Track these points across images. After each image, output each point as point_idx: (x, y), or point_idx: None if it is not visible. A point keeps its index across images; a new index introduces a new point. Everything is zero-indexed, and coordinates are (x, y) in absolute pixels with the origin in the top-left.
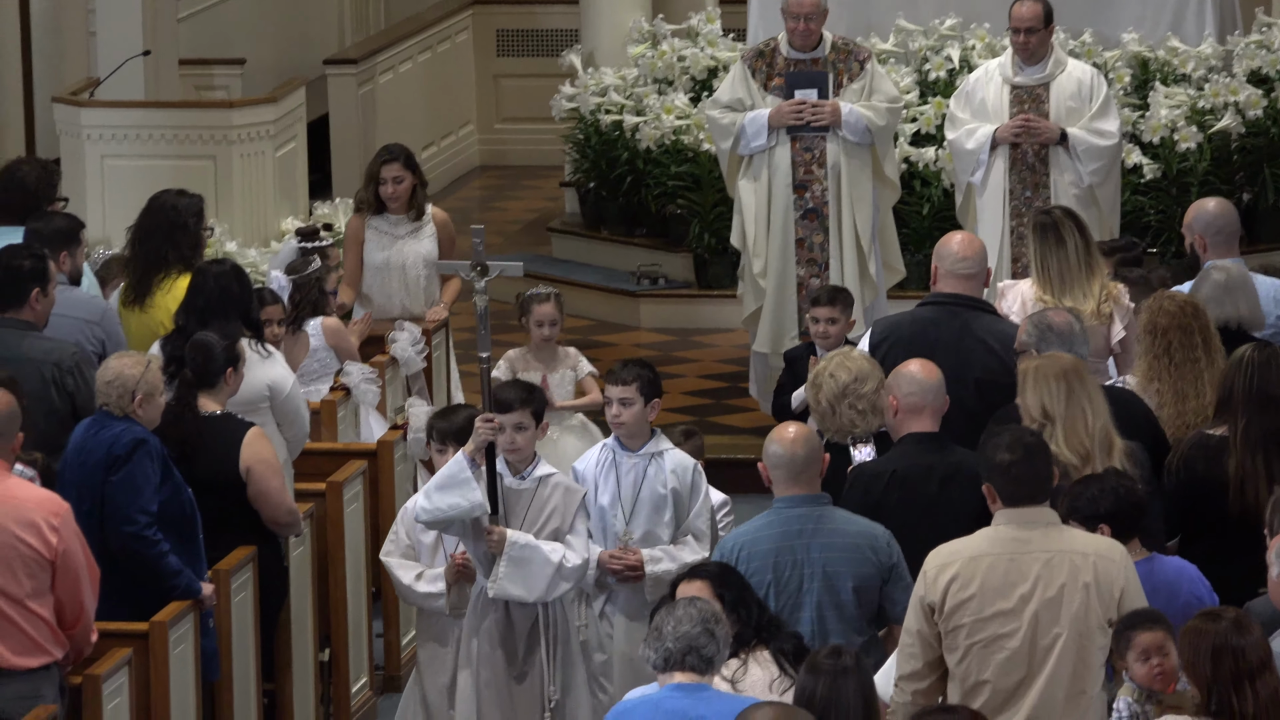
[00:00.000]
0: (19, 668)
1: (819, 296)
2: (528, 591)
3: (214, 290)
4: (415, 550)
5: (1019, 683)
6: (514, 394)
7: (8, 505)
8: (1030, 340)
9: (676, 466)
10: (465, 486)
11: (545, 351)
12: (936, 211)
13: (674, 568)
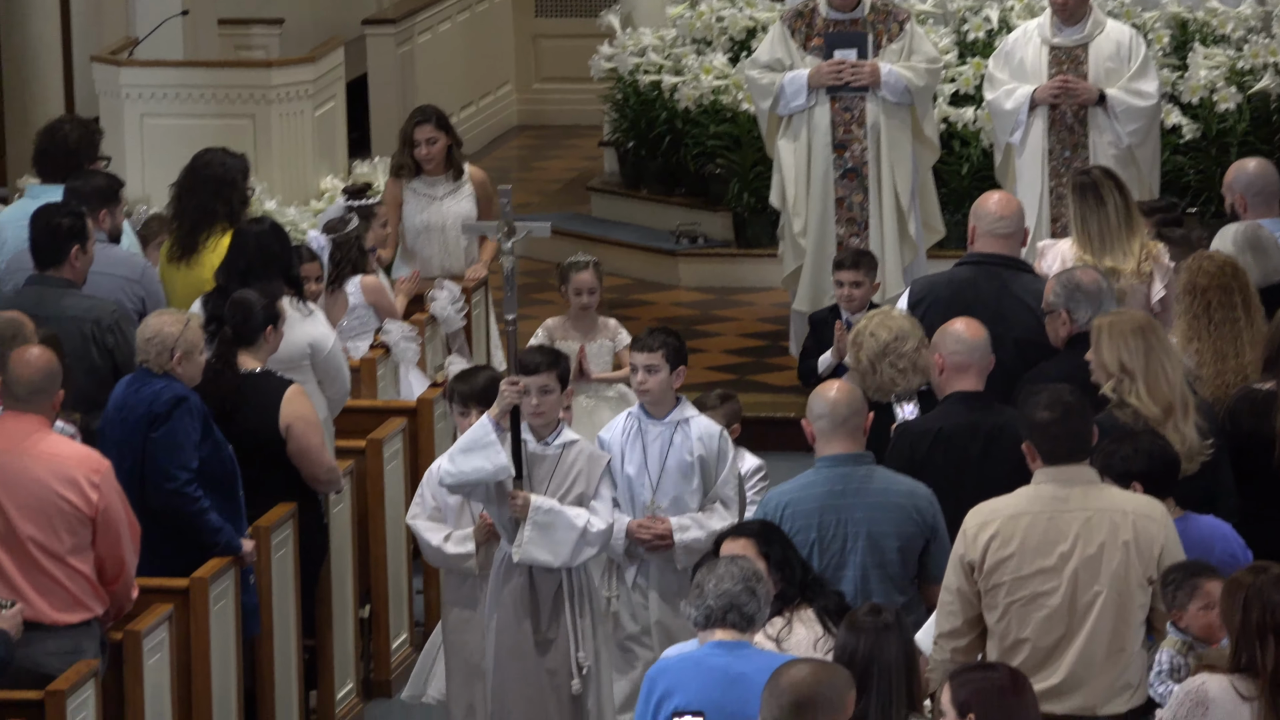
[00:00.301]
0: (60, 623)
1: (843, 260)
2: (552, 556)
3: (255, 249)
4: (441, 512)
5: (1058, 640)
6: (540, 357)
7: (48, 462)
8: (1058, 300)
9: (703, 433)
10: (490, 450)
11: (584, 320)
12: (975, 171)
13: (703, 535)
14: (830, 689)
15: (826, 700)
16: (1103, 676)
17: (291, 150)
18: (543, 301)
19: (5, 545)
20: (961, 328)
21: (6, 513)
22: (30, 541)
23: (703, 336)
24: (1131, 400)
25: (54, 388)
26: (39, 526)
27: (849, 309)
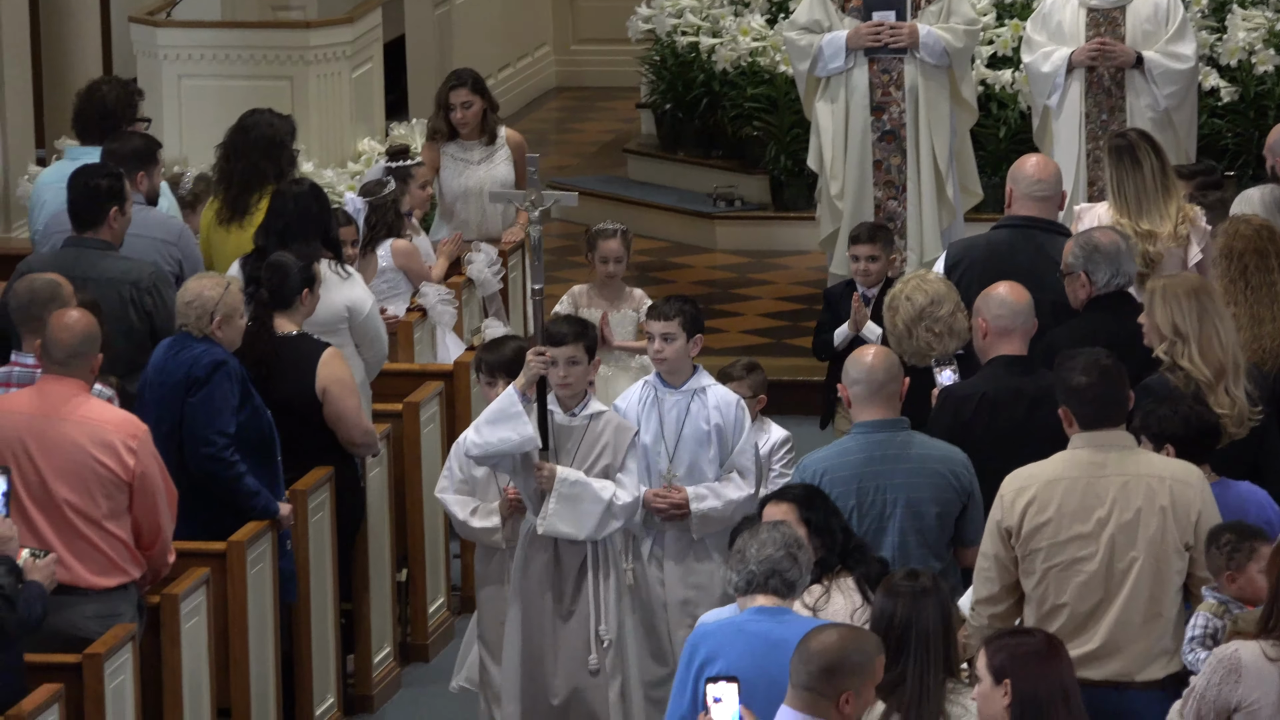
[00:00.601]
0: (97, 587)
1: (859, 234)
2: (577, 529)
3: (293, 210)
4: (469, 485)
5: (1095, 606)
6: (567, 328)
7: (86, 426)
8: (1077, 262)
9: (719, 402)
10: (516, 421)
11: (610, 289)
12: (1013, 134)
13: (719, 505)
14: (859, 653)
15: (856, 664)
16: (1140, 642)
17: (329, 112)
18: (576, 264)
19: (42, 510)
20: (1005, 291)
21: (44, 477)
22: (67, 506)
23: (739, 300)
24: (1184, 363)
25: (93, 351)
26: (76, 491)
27: (865, 283)
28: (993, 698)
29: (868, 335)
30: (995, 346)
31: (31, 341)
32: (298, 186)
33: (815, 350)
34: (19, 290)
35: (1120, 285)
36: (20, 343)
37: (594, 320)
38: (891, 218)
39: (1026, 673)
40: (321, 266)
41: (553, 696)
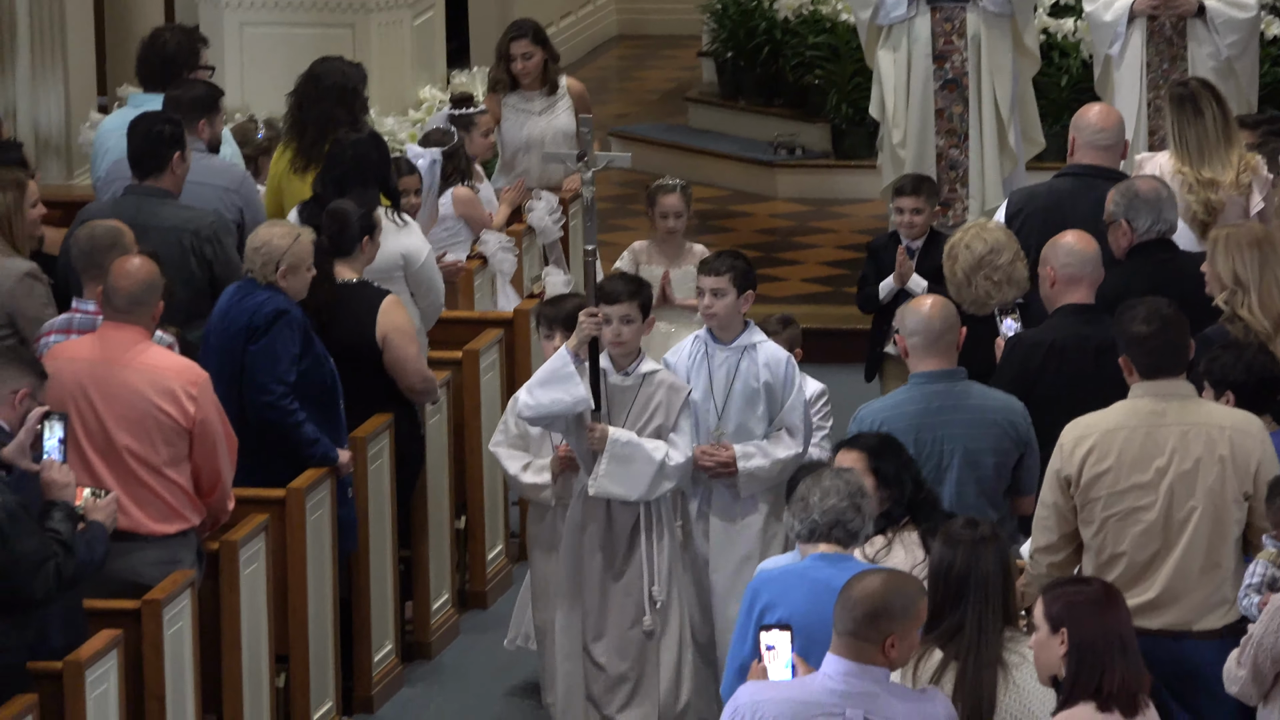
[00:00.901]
0: (157, 534)
1: (903, 186)
2: (629, 490)
3: (351, 158)
4: (524, 440)
5: (1154, 555)
6: (621, 286)
7: (147, 374)
8: (1118, 210)
9: (770, 359)
10: (568, 382)
11: (670, 245)
12: (1075, 83)
13: (767, 463)
14: (902, 596)
15: (900, 608)
16: (1198, 592)
17: (390, 60)
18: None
19: (103, 456)
20: (1073, 240)
21: (105, 424)
22: (127, 452)
23: (799, 249)
24: (1243, 313)
25: (154, 299)
26: (136, 438)
27: (909, 236)
28: (1049, 646)
29: (913, 288)
30: (1063, 295)
31: (93, 289)
32: (356, 134)
33: (860, 304)
34: (80, 237)
35: (1161, 232)
36: (81, 290)
37: (655, 278)
38: (953, 166)
39: (1083, 622)
40: (379, 214)
41: (606, 656)
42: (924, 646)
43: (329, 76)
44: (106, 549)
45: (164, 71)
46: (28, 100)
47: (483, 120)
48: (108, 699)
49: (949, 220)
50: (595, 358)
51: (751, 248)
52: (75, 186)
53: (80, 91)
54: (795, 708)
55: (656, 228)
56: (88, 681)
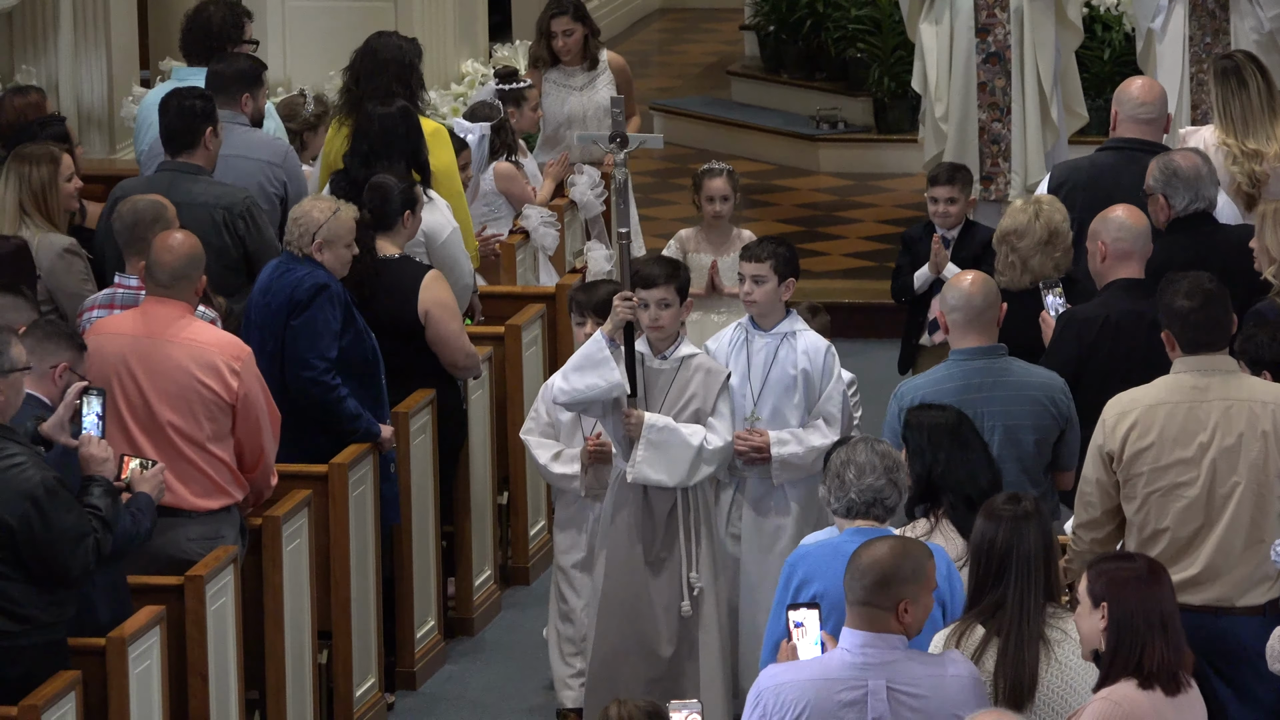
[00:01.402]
0: (200, 509)
1: (937, 175)
2: (667, 475)
3: (378, 131)
4: (555, 429)
5: (1196, 531)
6: (658, 269)
7: (189, 348)
8: (1156, 184)
9: (809, 348)
10: (604, 367)
11: (717, 232)
12: (1117, 56)
13: (801, 451)
14: (911, 560)
15: (910, 571)
16: (1241, 568)
17: (432, 33)
18: (679, 188)
19: (146, 432)
20: (1124, 214)
21: (148, 399)
22: (171, 428)
23: (842, 223)
24: None
25: (197, 274)
26: (180, 413)
27: (944, 225)
28: (1090, 620)
29: (948, 278)
30: (1114, 270)
31: (136, 264)
32: (384, 108)
33: (894, 293)
34: (123, 212)
35: (1200, 209)
36: (123, 264)
37: (703, 266)
38: (995, 140)
39: (1123, 598)
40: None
41: (643, 643)
42: (965, 623)
43: (386, 51)
44: (154, 520)
45: (208, 45)
46: (70, 74)
47: (531, 94)
48: (150, 675)
49: (991, 194)
50: (631, 342)
51: (793, 222)
52: (118, 161)
53: (123, 65)
54: (818, 686)
55: (703, 212)
56: (130, 658)
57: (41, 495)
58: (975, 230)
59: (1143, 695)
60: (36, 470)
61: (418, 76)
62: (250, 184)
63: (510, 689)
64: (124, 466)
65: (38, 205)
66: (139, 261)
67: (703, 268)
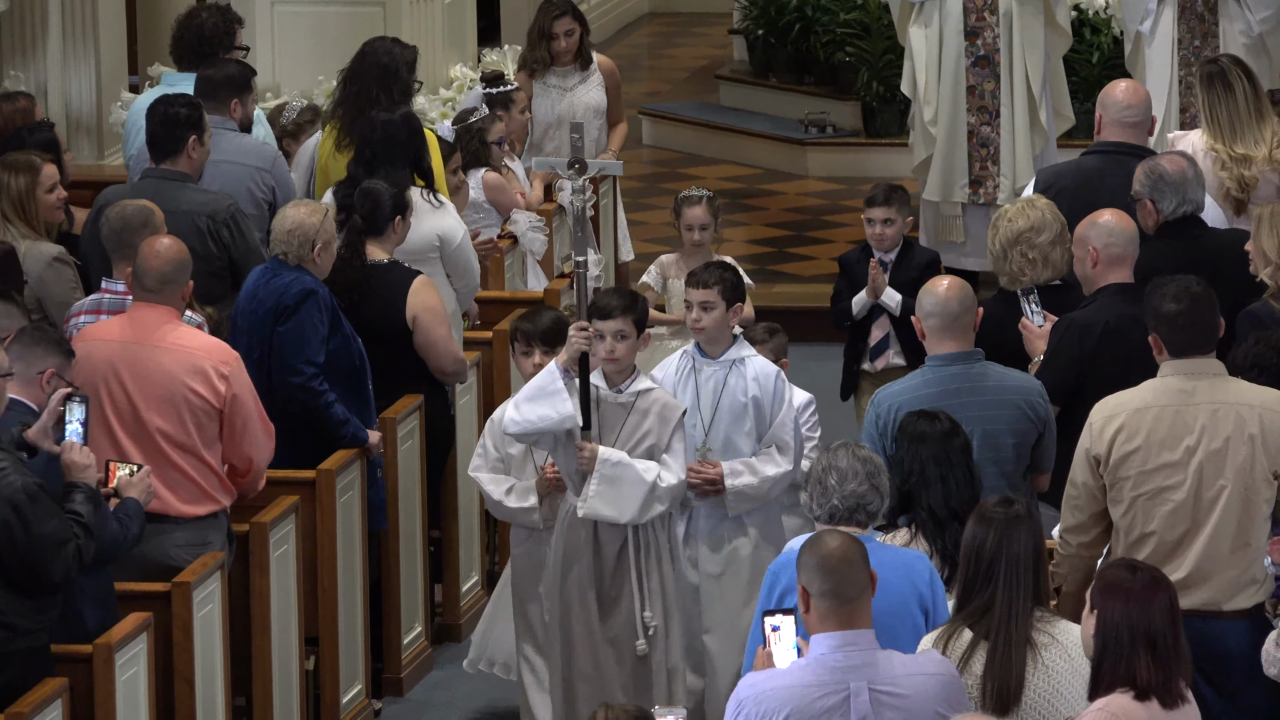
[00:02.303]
0: (187, 515)
1: (874, 196)
2: (619, 512)
3: (381, 138)
4: (505, 463)
5: (1183, 535)
6: (615, 300)
7: (177, 353)
8: (1143, 189)
9: (758, 374)
10: (555, 398)
11: (697, 258)
12: (1106, 60)
13: (755, 481)
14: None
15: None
16: (1228, 571)
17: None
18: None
19: (134, 437)
20: (1114, 219)
21: (135, 404)
22: (158, 433)
23: (831, 227)
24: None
25: (184, 278)
26: (167, 418)
27: (881, 248)
28: (1087, 624)
29: (886, 302)
30: (1105, 275)
31: (123, 269)
32: (387, 114)
33: (834, 319)
34: (111, 217)
35: (1187, 212)
36: (110, 270)
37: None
38: (985, 143)
39: (1111, 608)
40: (414, 194)
41: (596, 683)
42: (952, 625)
43: (373, 55)
44: (142, 525)
45: (199, 51)
46: (59, 79)
47: (519, 97)
48: (137, 682)
49: (979, 198)
50: (586, 373)
51: (781, 227)
52: (106, 167)
53: (111, 70)
54: (799, 693)
55: (683, 240)
56: (117, 664)
57: (23, 501)
58: (913, 251)
59: (1139, 708)
60: (18, 476)
61: (402, 84)
62: (238, 189)
63: (497, 695)
64: (110, 473)
65: (19, 213)
66: (126, 267)
67: (682, 295)
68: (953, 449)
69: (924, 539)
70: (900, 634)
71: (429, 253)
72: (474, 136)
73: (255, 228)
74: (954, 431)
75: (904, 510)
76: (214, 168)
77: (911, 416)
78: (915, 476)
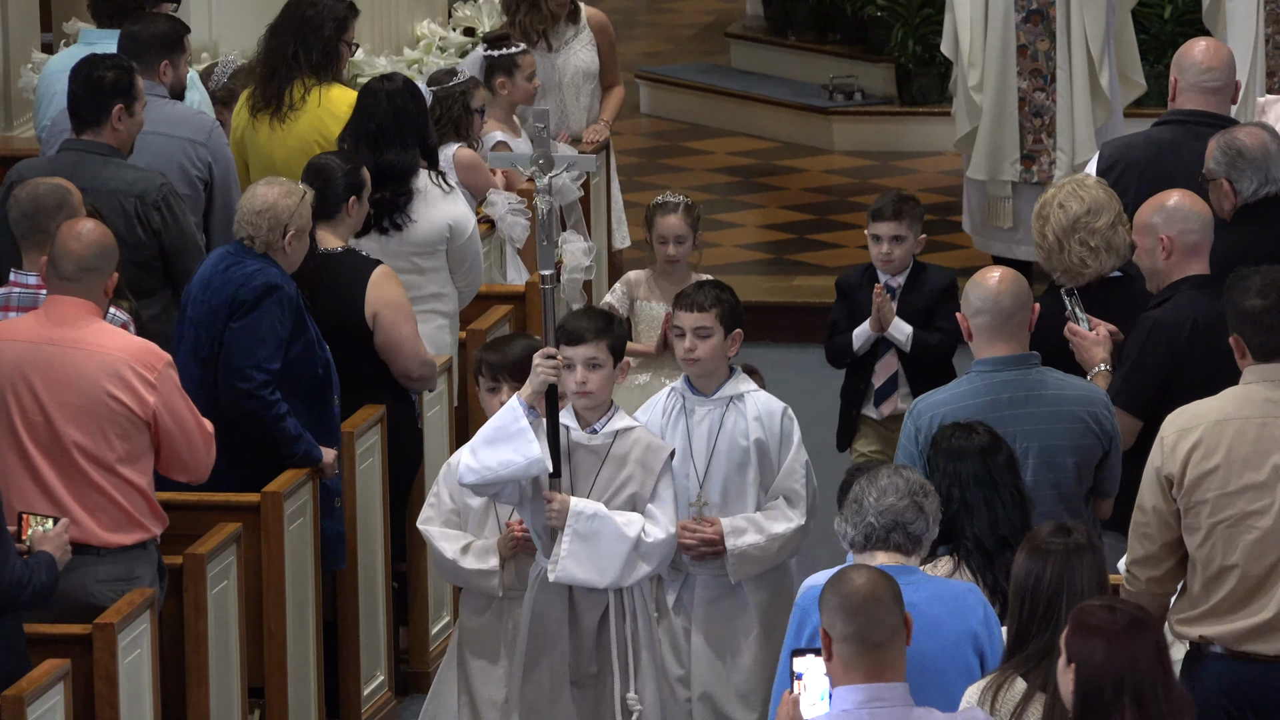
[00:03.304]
0: (110, 545)
1: (881, 208)
2: (598, 574)
3: (387, 112)
4: (460, 516)
5: (1270, 569)
6: (587, 323)
7: (96, 356)
8: (1218, 168)
9: (761, 412)
10: (519, 440)
11: (673, 276)
12: (1180, 15)
13: (763, 540)
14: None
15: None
16: None
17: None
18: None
19: (47, 454)
20: (1186, 201)
21: (50, 415)
22: (76, 449)
23: (858, 210)
24: None
25: (107, 268)
26: (86, 431)
27: (887, 270)
28: (1065, 678)
29: (894, 335)
30: (1183, 267)
31: (35, 258)
32: (390, 84)
33: (829, 355)
34: (20, 198)
35: (1271, 193)
36: (20, 260)
37: (655, 317)
38: (1038, 113)
39: (1090, 657)
40: (422, 178)
41: None
42: (1003, 674)
43: (296, 8)
44: (54, 579)
45: (121, 5)
46: None
47: (525, 61)
48: None
49: (1033, 176)
50: (554, 411)
51: (802, 209)
52: (15, 139)
53: (20, 28)
54: None
55: (656, 254)
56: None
57: None
58: (926, 275)
59: None
60: None
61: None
62: (169, 165)
63: None
64: (24, 525)
65: None
66: (38, 256)
67: (655, 319)
68: (996, 466)
69: (969, 571)
70: (951, 679)
71: (438, 244)
72: (455, 102)
73: (190, 211)
74: (995, 445)
75: (945, 540)
76: (140, 140)
77: (945, 430)
78: (956, 502)
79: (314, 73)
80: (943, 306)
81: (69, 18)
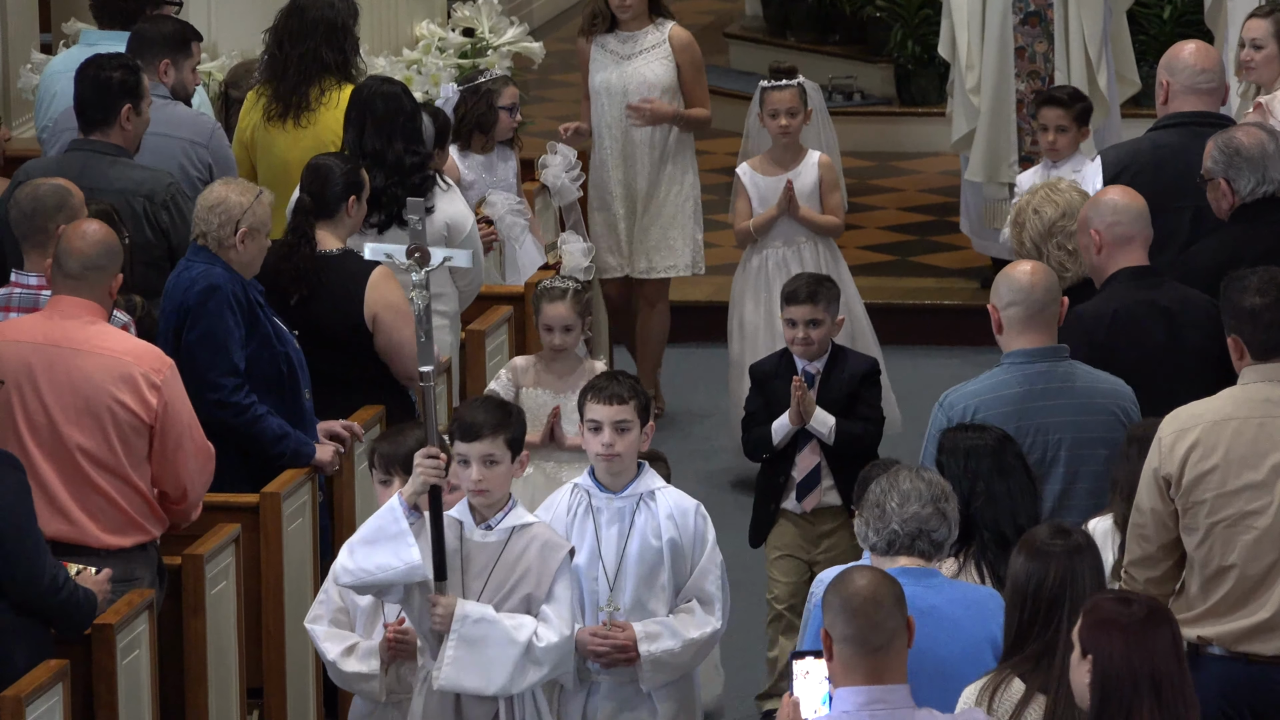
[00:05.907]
0: (110, 547)
1: (796, 291)
2: (484, 681)
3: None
4: (349, 615)
5: (1269, 569)
6: (484, 416)
7: (100, 358)
8: (1216, 167)
9: (674, 510)
10: (399, 542)
11: (561, 365)
12: (1179, 15)
13: (677, 646)
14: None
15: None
16: None
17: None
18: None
19: (50, 457)
20: (1117, 195)
21: (52, 418)
22: (78, 450)
23: (858, 210)
24: None
25: (113, 268)
26: (88, 434)
27: (806, 355)
28: (1079, 671)
29: (817, 429)
30: (1114, 259)
31: (36, 259)
32: (388, 86)
33: (747, 449)
34: (21, 198)
35: (1269, 192)
36: (21, 261)
37: (541, 407)
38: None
39: (1109, 651)
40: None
41: None
42: (1000, 675)
43: (314, 10)
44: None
45: (125, 6)
46: None
47: (506, 92)
48: None
49: None
50: (437, 513)
51: None
52: (15, 139)
53: (20, 28)
54: None
55: (542, 342)
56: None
57: None
58: (846, 359)
59: None
60: None
61: (352, 41)
62: (169, 166)
63: None
64: None
65: None
66: (39, 257)
67: (541, 407)
68: (1008, 457)
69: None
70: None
71: (435, 243)
72: (481, 99)
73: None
74: (1006, 439)
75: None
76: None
77: (952, 432)
78: (980, 496)
79: (341, 71)
80: (866, 393)
81: (69, 18)
